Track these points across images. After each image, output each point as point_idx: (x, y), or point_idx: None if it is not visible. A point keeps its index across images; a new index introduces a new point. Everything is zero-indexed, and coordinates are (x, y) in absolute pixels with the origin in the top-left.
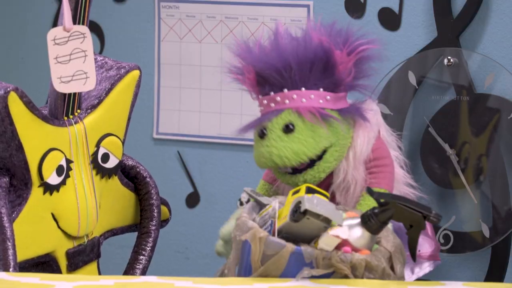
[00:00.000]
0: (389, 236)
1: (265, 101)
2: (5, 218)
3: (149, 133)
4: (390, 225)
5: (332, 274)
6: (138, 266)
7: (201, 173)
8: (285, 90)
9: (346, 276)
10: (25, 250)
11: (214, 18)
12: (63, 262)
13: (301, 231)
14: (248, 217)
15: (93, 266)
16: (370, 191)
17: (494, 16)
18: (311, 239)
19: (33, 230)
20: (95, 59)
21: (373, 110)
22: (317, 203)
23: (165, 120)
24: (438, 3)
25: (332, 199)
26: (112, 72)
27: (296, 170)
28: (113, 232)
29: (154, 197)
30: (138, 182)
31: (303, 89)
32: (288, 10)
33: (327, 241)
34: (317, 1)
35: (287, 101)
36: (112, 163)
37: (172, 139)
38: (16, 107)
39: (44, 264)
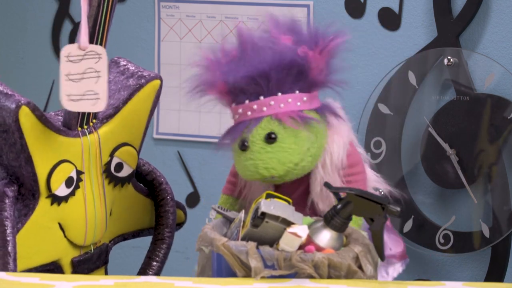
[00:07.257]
0: (358, 238)
1: (240, 110)
2: (8, 231)
3: (149, 133)
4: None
5: (296, 274)
6: (150, 272)
7: (201, 173)
8: (261, 98)
9: (310, 276)
10: (29, 260)
11: (214, 18)
12: (68, 270)
13: (264, 236)
14: (210, 229)
15: (99, 272)
16: (328, 185)
17: (494, 16)
18: (274, 243)
19: (38, 240)
20: (118, 63)
21: (341, 108)
22: (274, 206)
23: (165, 120)
24: (438, 3)
25: (315, 208)
26: (132, 81)
27: None
28: (123, 237)
29: (170, 204)
30: (154, 188)
31: (279, 94)
32: (288, 10)
33: (286, 241)
34: (317, 1)
35: (264, 109)
36: (125, 172)
37: (172, 139)
38: (27, 121)
39: (49, 271)
